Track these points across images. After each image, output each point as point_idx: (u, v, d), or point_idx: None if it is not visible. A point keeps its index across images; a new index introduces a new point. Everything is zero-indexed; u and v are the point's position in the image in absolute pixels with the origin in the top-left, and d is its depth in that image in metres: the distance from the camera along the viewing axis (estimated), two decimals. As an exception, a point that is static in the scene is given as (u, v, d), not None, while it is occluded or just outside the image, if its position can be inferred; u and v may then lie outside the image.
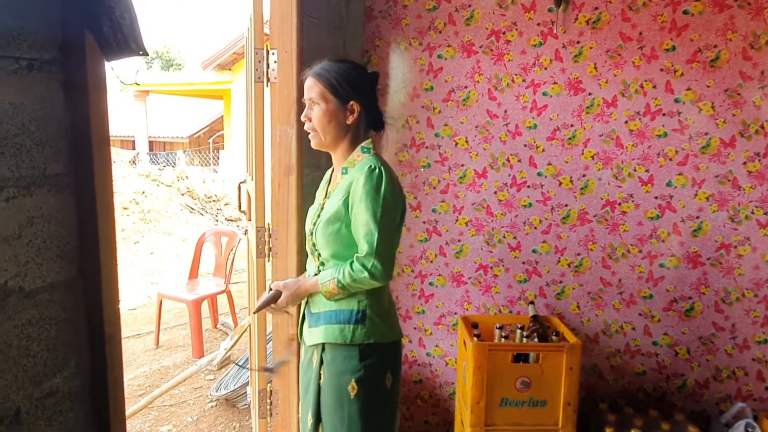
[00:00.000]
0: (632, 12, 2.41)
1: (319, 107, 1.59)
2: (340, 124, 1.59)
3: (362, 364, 1.55)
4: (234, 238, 4.48)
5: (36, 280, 0.88)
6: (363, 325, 1.56)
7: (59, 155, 0.91)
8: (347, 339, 1.55)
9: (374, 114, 1.65)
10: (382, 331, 1.59)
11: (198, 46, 34.50)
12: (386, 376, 1.60)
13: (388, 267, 1.51)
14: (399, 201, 1.57)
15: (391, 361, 1.63)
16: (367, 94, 1.62)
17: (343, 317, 1.57)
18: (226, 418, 3.11)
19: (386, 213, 1.49)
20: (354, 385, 1.54)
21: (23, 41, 0.84)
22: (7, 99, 0.82)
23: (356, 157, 1.60)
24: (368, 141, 1.63)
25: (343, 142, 1.63)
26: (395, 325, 1.67)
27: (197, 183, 10.73)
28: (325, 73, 1.58)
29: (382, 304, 1.61)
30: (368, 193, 1.48)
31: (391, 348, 1.63)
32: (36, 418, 0.89)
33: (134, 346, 4.18)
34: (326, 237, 1.58)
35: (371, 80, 1.65)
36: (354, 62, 1.66)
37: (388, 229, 1.51)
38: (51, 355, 0.91)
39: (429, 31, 2.54)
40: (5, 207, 0.82)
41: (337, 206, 1.55)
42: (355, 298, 1.57)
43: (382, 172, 1.51)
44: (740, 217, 2.45)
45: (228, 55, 11.60)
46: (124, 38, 0.87)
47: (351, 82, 1.57)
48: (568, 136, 2.52)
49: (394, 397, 1.65)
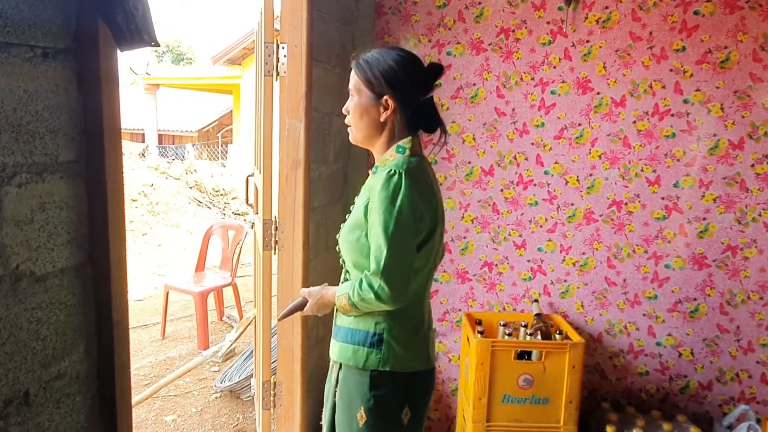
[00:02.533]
0: (643, 12, 2.40)
1: (353, 100, 1.45)
2: (373, 120, 1.43)
3: (372, 394, 1.39)
4: (241, 232, 4.51)
5: (47, 264, 0.90)
6: (378, 350, 1.39)
7: (71, 143, 0.93)
8: (359, 363, 1.40)
9: (417, 112, 1.45)
10: (400, 359, 1.40)
11: (208, 41, 34.63)
12: (402, 410, 1.41)
13: (398, 289, 1.31)
14: (424, 214, 1.36)
15: (410, 394, 1.43)
16: (410, 90, 1.42)
17: (358, 338, 1.42)
18: (230, 410, 3.13)
19: (401, 227, 1.30)
20: (363, 414, 1.39)
21: (38, 30, 0.85)
22: (22, 86, 0.83)
23: (389, 156, 1.42)
24: (406, 140, 1.42)
25: (378, 140, 1.45)
26: (421, 353, 1.46)
27: (205, 177, 10.79)
28: (364, 63, 1.42)
29: (405, 329, 1.42)
30: (382, 202, 1.30)
31: (412, 379, 1.43)
32: (44, 401, 0.91)
33: (140, 337, 4.22)
34: (347, 245, 1.43)
35: (421, 74, 1.44)
36: (403, 51, 1.44)
37: (401, 245, 1.31)
38: (60, 339, 0.93)
39: (438, 28, 2.54)
40: (18, 192, 0.84)
41: (359, 212, 1.39)
42: (372, 318, 1.41)
43: (402, 179, 1.31)
44: (747, 219, 2.44)
45: (238, 50, 11.62)
46: (137, 29, 0.88)
47: (386, 74, 1.39)
48: (576, 135, 2.51)
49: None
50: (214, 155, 15.72)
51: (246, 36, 11.07)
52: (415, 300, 1.44)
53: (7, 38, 0.80)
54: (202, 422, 3.00)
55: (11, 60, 0.81)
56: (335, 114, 2.41)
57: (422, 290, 1.47)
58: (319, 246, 2.38)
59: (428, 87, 1.47)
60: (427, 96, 1.47)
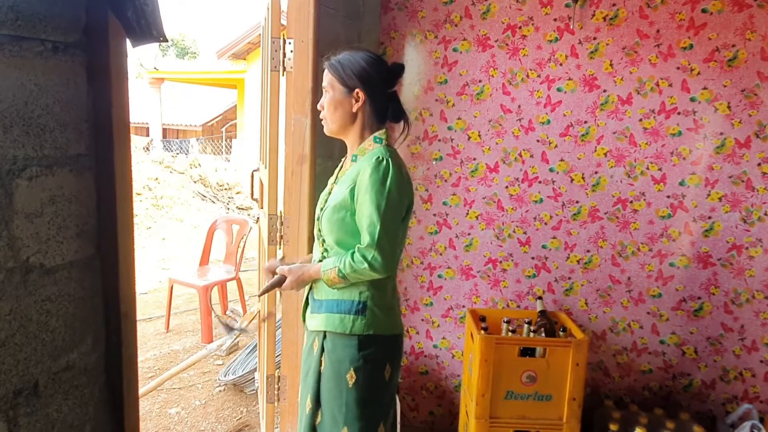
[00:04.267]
0: (650, 9, 2.39)
1: (328, 95, 1.63)
2: (346, 112, 1.61)
3: (360, 354, 1.56)
4: (245, 227, 4.52)
5: (56, 257, 0.90)
6: (363, 316, 1.57)
7: (81, 137, 0.93)
8: (347, 329, 1.57)
9: (384, 104, 1.64)
10: (382, 324, 1.60)
11: (213, 36, 34.60)
12: (385, 367, 1.62)
13: (389, 259, 1.51)
14: (405, 195, 1.56)
15: (390, 354, 1.64)
16: (377, 84, 1.61)
17: (344, 307, 1.59)
18: (233, 403, 3.15)
19: (390, 206, 1.49)
20: (352, 374, 1.56)
21: (48, 24, 0.86)
22: (33, 80, 0.84)
23: (368, 146, 1.61)
24: (382, 131, 1.63)
25: (352, 130, 1.64)
26: (397, 319, 1.68)
27: (209, 171, 10.80)
28: (336, 63, 1.61)
29: (385, 297, 1.62)
30: (373, 184, 1.49)
31: (391, 341, 1.64)
32: (53, 392, 0.92)
33: (145, 330, 4.24)
34: (331, 224, 1.59)
35: (386, 71, 1.63)
36: (370, 53, 1.66)
37: (391, 222, 1.51)
38: (69, 331, 0.94)
39: (445, 24, 2.54)
40: (28, 185, 0.84)
41: (344, 195, 1.56)
42: (357, 288, 1.58)
43: (389, 165, 1.51)
44: (753, 218, 2.44)
45: (243, 45, 11.62)
46: (147, 24, 0.89)
47: (357, 71, 1.58)
48: (582, 132, 2.51)
49: (392, 388, 1.67)
50: (219, 150, 15.74)
51: (251, 31, 11.07)
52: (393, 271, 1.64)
53: (19, 32, 0.81)
54: (206, 415, 3.02)
55: (22, 54, 0.82)
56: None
57: (398, 263, 1.66)
58: (324, 241, 2.39)
59: (392, 82, 1.66)
60: (392, 90, 1.67)
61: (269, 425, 2.28)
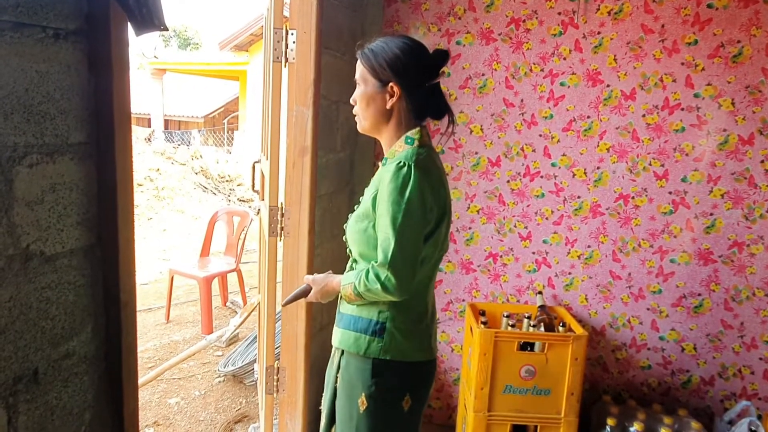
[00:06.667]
0: (655, 4, 2.38)
1: (359, 89, 1.46)
2: (379, 109, 1.43)
3: (373, 380, 1.40)
4: (246, 218, 4.52)
5: (56, 245, 0.90)
6: (381, 338, 1.40)
7: (82, 124, 0.93)
8: (361, 350, 1.41)
9: (424, 99, 1.44)
10: (402, 349, 1.41)
11: (215, 27, 34.50)
12: (403, 398, 1.43)
13: (404, 281, 1.31)
14: (433, 205, 1.36)
15: (410, 383, 1.44)
16: (415, 76, 1.42)
17: (361, 326, 1.43)
18: (233, 394, 3.16)
19: (408, 220, 1.30)
20: (364, 400, 1.41)
21: (50, 10, 0.85)
22: (34, 67, 0.83)
23: (398, 147, 1.42)
24: (415, 130, 1.42)
25: (386, 129, 1.45)
26: (423, 343, 1.47)
27: (211, 162, 10.79)
28: (369, 52, 1.43)
29: (408, 319, 1.43)
30: (391, 194, 1.31)
31: (413, 368, 1.45)
32: (53, 379, 0.92)
33: (145, 320, 4.25)
34: (354, 234, 1.44)
35: (426, 60, 1.44)
36: (407, 39, 1.45)
37: (410, 238, 1.32)
38: (69, 319, 0.94)
39: (448, 17, 2.52)
40: (29, 173, 0.84)
41: (367, 203, 1.40)
42: (376, 307, 1.42)
43: (411, 171, 1.31)
44: (755, 215, 2.43)
45: (245, 36, 11.58)
46: (148, 12, 0.88)
47: (391, 62, 1.39)
48: (584, 127, 2.50)
49: (413, 421, 1.48)
50: (220, 141, 15.72)
51: (253, 22, 11.02)
52: (420, 290, 1.45)
53: (20, 18, 0.80)
54: (206, 405, 3.03)
55: (23, 40, 0.81)
56: (343, 102, 2.40)
57: (427, 281, 1.47)
58: (325, 233, 2.39)
59: (434, 73, 1.45)
60: (433, 82, 1.46)
61: (268, 416, 2.28)
